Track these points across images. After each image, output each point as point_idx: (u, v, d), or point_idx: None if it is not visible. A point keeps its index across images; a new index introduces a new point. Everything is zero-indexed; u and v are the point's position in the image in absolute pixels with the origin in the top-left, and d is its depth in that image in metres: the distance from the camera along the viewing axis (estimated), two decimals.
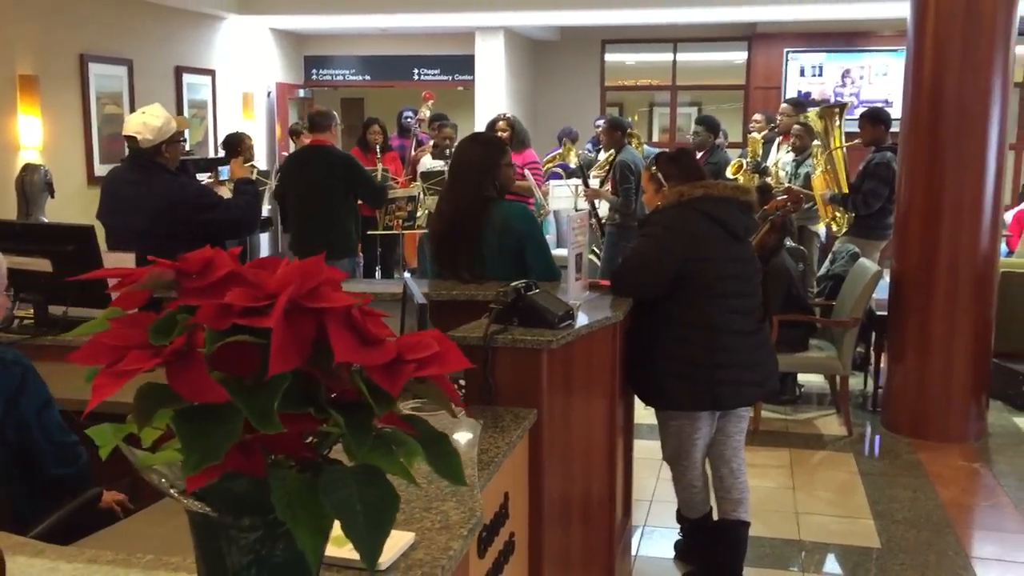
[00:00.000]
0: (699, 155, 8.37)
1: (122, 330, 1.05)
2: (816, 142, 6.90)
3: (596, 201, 7.80)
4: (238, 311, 1.01)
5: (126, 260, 3.53)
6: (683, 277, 3.36)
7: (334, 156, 5.93)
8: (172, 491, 1.10)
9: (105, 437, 1.11)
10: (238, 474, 1.04)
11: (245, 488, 1.07)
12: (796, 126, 7.44)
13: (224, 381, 1.01)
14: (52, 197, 7.05)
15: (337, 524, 1.03)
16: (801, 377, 6.02)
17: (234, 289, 1.03)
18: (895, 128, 5.62)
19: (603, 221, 7.61)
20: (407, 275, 3.88)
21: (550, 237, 8.21)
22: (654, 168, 3.64)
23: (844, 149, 6.70)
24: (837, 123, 6.75)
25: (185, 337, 1.01)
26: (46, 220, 6.94)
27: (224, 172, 7.27)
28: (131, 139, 4.12)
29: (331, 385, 1.06)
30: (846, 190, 6.56)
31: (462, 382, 2.83)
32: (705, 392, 3.39)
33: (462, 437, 2.22)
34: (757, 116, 9.02)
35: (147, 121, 4.07)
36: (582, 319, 3.05)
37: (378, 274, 8.57)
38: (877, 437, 5.37)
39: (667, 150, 4.14)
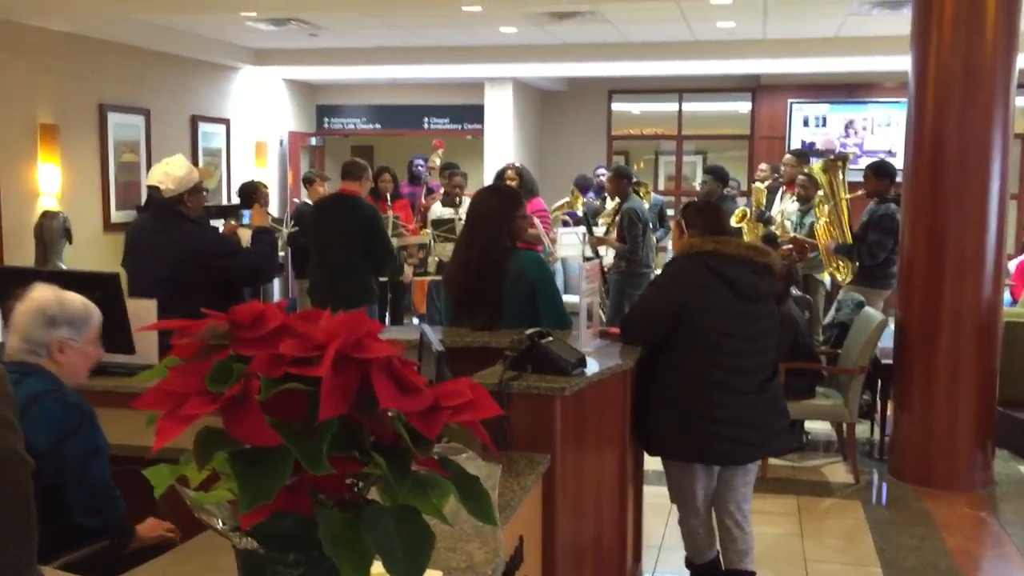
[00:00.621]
0: None
1: (181, 377, 1.14)
2: (820, 193, 7.01)
3: (601, 249, 7.92)
4: (290, 361, 1.10)
5: (148, 307, 3.62)
6: (683, 327, 3.42)
7: (361, 207, 5.98)
8: (223, 528, 1.18)
9: (160, 478, 1.20)
10: (286, 512, 1.12)
11: (292, 526, 1.15)
12: (801, 176, 7.56)
13: (276, 425, 1.10)
14: (70, 243, 7.19)
15: (377, 561, 1.11)
16: (808, 424, 6.07)
17: (286, 340, 1.12)
18: (898, 178, 5.73)
19: (607, 269, 7.72)
20: (423, 324, 3.95)
21: (558, 283, 8.30)
22: (680, 216, 3.75)
23: (848, 200, 6.81)
24: (840, 175, 6.87)
25: (241, 384, 1.10)
26: (63, 266, 7.07)
27: (246, 217, 7.39)
28: (154, 189, 4.24)
29: (373, 429, 1.15)
30: (850, 240, 6.66)
31: None
32: (695, 445, 3.44)
33: (485, 479, 2.29)
34: (763, 166, 9.17)
35: (170, 171, 4.19)
36: (594, 367, 3.13)
37: (387, 320, 8.65)
38: (884, 485, 5.41)
39: (697, 200, 4.22)
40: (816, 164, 7.16)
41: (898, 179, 6.60)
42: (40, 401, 2.39)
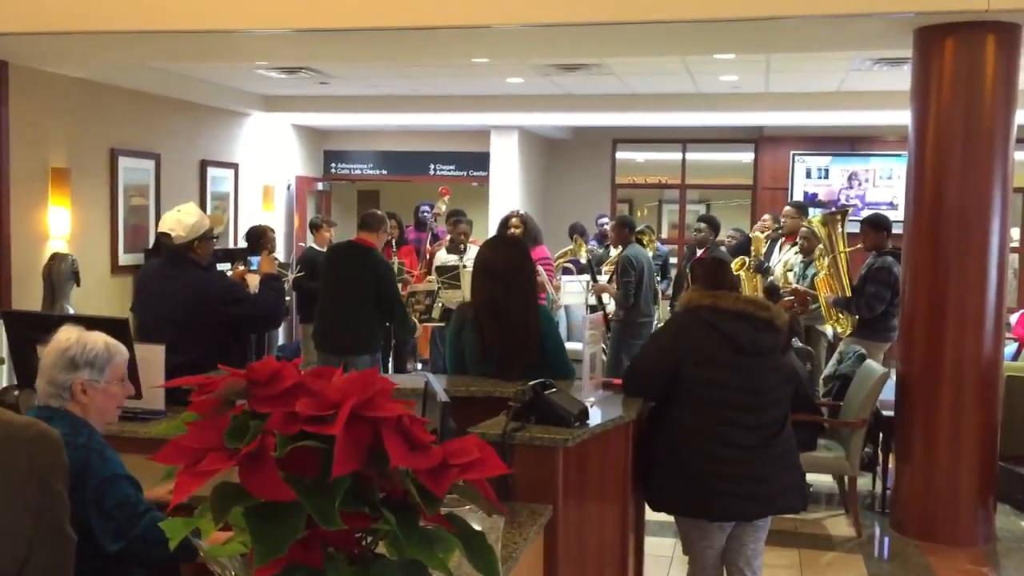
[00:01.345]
0: (699, 252, 8.61)
1: (200, 433, 1.18)
2: (820, 246, 7.08)
3: (604, 297, 7.97)
4: (305, 419, 1.14)
5: (156, 352, 3.66)
6: (683, 381, 3.43)
7: (375, 259, 5.98)
8: None
9: (175, 530, 1.23)
10: (299, 566, 1.16)
11: None
12: (804, 228, 7.64)
13: (290, 481, 1.14)
14: (78, 285, 7.26)
15: None
16: (810, 476, 6.04)
17: (302, 399, 1.16)
18: (899, 229, 5.77)
19: (610, 317, 7.76)
20: (427, 373, 3.94)
21: (561, 331, 8.35)
22: (688, 268, 3.81)
23: (847, 253, 6.87)
24: (840, 228, 6.94)
25: (257, 441, 1.14)
26: (71, 308, 7.13)
27: (254, 262, 7.45)
28: (165, 235, 4.31)
29: (383, 485, 1.19)
30: (849, 293, 6.71)
31: None
32: (696, 500, 3.41)
33: (487, 532, 2.31)
34: (766, 216, 9.26)
35: (181, 219, 4.26)
36: (596, 419, 3.16)
37: (391, 365, 8.68)
38: (886, 539, 5.39)
39: (709, 256, 4.26)
40: (815, 217, 7.24)
41: (895, 231, 6.68)
42: None
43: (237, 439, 1.15)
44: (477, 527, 1.29)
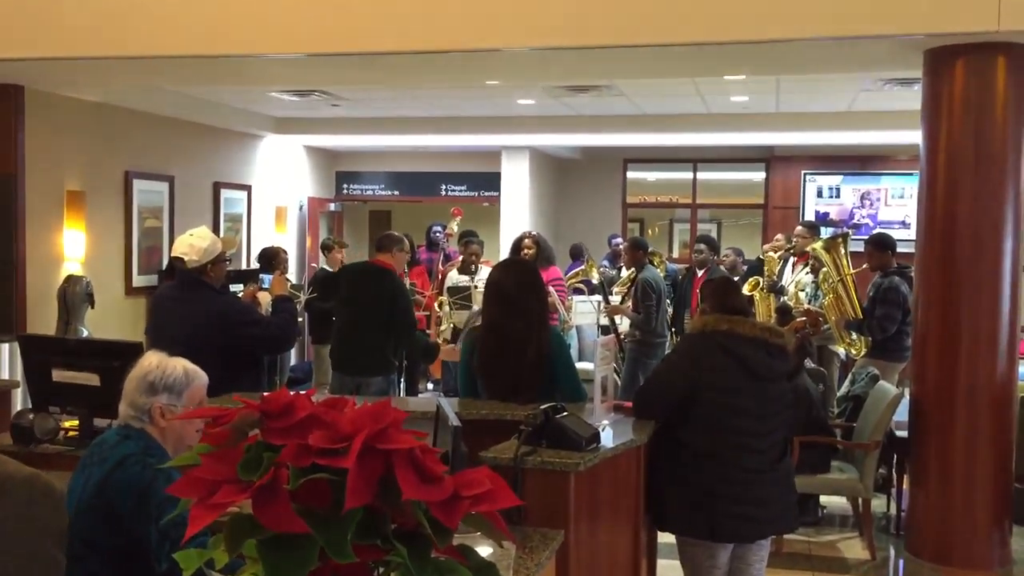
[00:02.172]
0: (700, 273, 8.62)
1: (213, 465, 1.19)
2: (824, 269, 7.08)
3: (617, 318, 7.97)
4: (317, 451, 1.15)
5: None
6: (695, 405, 3.45)
7: (391, 281, 5.91)
8: None
9: (190, 561, 1.24)
10: None
11: None
12: (810, 249, 7.64)
13: (303, 513, 1.14)
14: (92, 307, 7.30)
15: None
16: (824, 498, 6.03)
17: (314, 431, 1.17)
18: (910, 249, 5.75)
19: (623, 337, 7.76)
20: (439, 396, 3.91)
21: (572, 351, 8.35)
22: (700, 291, 3.82)
23: (852, 275, 6.87)
24: (843, 250, 6.94)
25: (271, 474, 1.15)
26: (85, 330, 7.17)
27: (266, 280, 7.46)
28: (178, 259, 4.34)
29: (395, 517, 1.20)
30: (860, 315, 6.69)
31: None
32: (704, 521, 3.44)
33: (499, 560, 2.31)
34: (779, 236, 9.26)
35: (194, 243, 4.30)
36: (607, 442, 3.16)
37: (402, 386, 8.69)
38: (900, 562, 5.35)
39: (719, 277, 4.28)
40: (818, 243, 7.23)
41: (908, 250, 6.67)
42: (123, 465, 2.48)
43: (251, 471, 1.16)
44: (489, 553, 1.29)
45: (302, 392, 1.37)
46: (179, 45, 5.58)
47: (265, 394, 1.28)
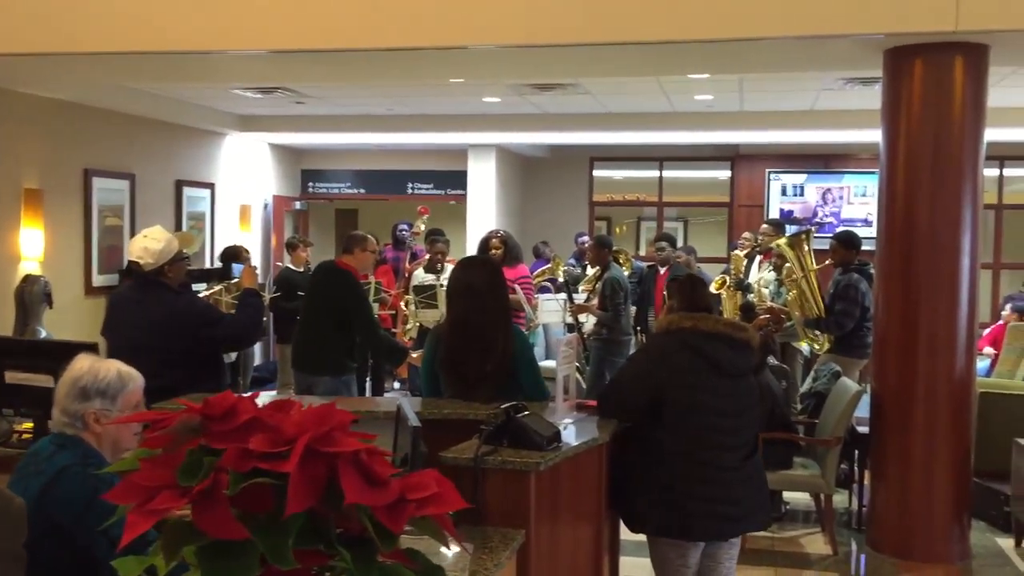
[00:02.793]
0: (662, 271, 8.68)
1: (153, 470, 1.16)
2: (787, 265, 7.12)
3: (582, 316, 7.97)
4: (259, 455, 1.13)
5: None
6: (661, 405, 3.44)
7: (345, 281, 5.77)
8: None
9: (129, 568, 1.21)
10: None
11: None
12: (774, 247, 7.70)
13: (243, 519, 1.12)
14: (50, 307, 7.19)
15: None
16: (787, 494, 6.07)
17: (256, 435, 1.15)
18: (872, 247, 5.80)
19: (587, 336, 7.78)
20: (400, 396, 3.84)
21: (538, 349, 8.35)
22: (666, 290, 3.81)
23: (816, 272, 6.92)
24: (806, 247, 6.99)
25: (211, 479, 1.13)
26: (43, 331, 7.06)
27: (236, 270, 7.29)
28: (134, 263, 4.26)
29: (339, 522, 1.18)
30: (821, 311, 6.74)
31: None
32: (675, 520, 3.42)
33: (455, 562, 2.30)
34: (746, 235, 9.32)
35: (148, 246, 4.21)
36: (569, 441, 3.15)
37: (368, 386, 8.63)
38: (862, 557, 5.40)
39: (685, 275, 4.25)
40: (782, 240, 7.28)
41: (869, 247, 6.73)
42: (62, 476, 2.41)
43: (190, 476, 1.14)
44: (445, 555, 1.28)
45: (249, 394, 1.34)
46: (139, 41, 5.49)
47: (208, 397, 1.25)
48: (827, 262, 6.88)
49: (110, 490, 2.41)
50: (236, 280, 6.42)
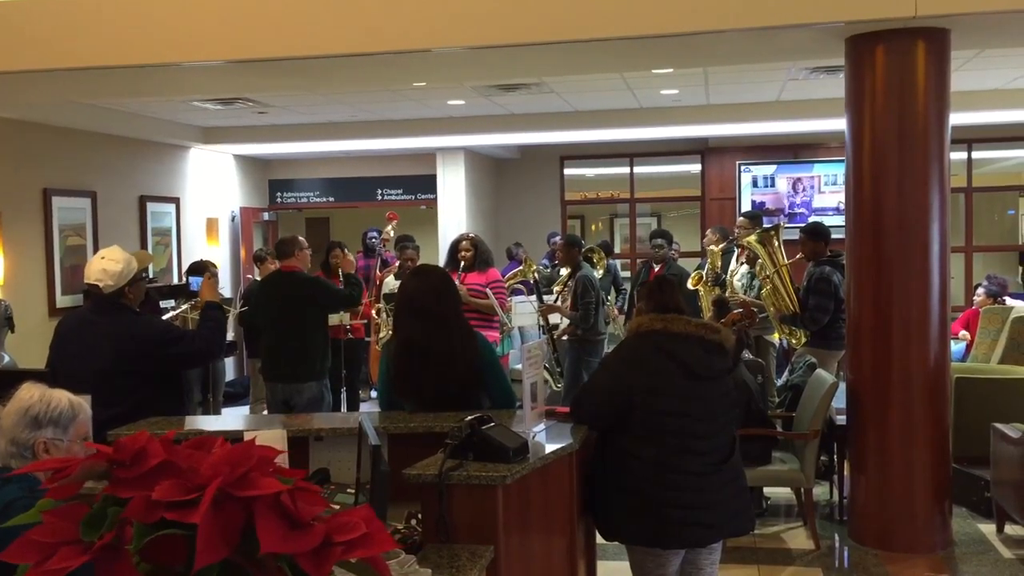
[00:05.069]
0: (657, 268, 8.58)
1: (54, 524, 1.07)
2: (759, 261, 7.08)
3: (553, 317, 7.90)
4: (166, 504, 1.04)
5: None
6: (634, 409, 3.34)
7: (300, 278, 6.07)
8: None
9: None
10: None
11: None
12: (745, 241, 7.64)
13: (153, 573, 1.03)
14: (12, 332, 7.02)
15: None
16: (767, 489, 6.02)
17: (163, 482, 1.06)
18: (843, 235, 5.76)
19: (561, 336, 7.72)
20: (363, 415, 3.68)
21: (515, 352, 8.26)
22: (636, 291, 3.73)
23: (787, 266, 6.88)
24: (776, 242, 6.94)
25: (114, 532, 1.03)
26: (6, 356, 6.90)
27: (195, 283, 7.29)
28: (93, 286, 4.14)
29: (257, 573, 1.09)
30: (796, 307, 6.68)
31: (419, 517, 2.84)
32: (649, 528, 3.34)
33: None
34: (710, 231, 9.27)
35: (107, 268, 4.09)
36: (538, 451, 3.07)
37: (343, 393, 8.53)
38: (845, 550, 5.35)
39: (658, 277, 4.14)
40: (752, 237, 7.22)
41: (834, 236, 6.70)
42: (10, 510, 2.30)
43: (94, 530, 1.05)
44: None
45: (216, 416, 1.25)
46: (93, 57, 5.38)
47: (120, 439, 1.16)
48: (798, 256, 6.83)
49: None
50: (197, 294, 6.35)
